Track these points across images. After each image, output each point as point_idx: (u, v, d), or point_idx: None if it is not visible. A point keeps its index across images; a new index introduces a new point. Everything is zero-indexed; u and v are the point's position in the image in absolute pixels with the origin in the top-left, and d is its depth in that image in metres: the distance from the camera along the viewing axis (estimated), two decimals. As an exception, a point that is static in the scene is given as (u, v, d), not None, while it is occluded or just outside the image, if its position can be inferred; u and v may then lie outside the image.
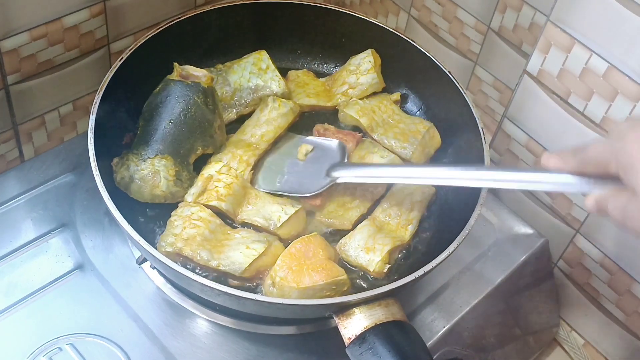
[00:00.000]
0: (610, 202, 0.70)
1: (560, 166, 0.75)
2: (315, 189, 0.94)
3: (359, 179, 0.94)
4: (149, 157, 0.90)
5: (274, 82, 1.04)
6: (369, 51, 1.07)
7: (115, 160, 0.91)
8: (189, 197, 0.91)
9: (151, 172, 0.89)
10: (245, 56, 1.06)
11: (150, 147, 0.90)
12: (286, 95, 1.04)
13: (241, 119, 1.02)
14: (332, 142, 0.99)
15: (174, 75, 0.95)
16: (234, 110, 1.03)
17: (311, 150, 0.98)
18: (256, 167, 0.97)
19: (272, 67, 1.04)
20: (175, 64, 0.95)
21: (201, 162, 0.95)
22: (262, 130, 0.99)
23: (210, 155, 0.96)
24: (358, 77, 1.06)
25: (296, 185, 0.95)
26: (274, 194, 0.94)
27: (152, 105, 0.93)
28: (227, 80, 1.04)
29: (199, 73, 0.96)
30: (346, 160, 0.97)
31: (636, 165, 0.66)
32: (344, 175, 0.94)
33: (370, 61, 1.06)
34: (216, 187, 0.91)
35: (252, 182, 0.96)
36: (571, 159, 0.74)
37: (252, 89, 1.04)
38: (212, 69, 1.04)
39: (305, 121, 1.05)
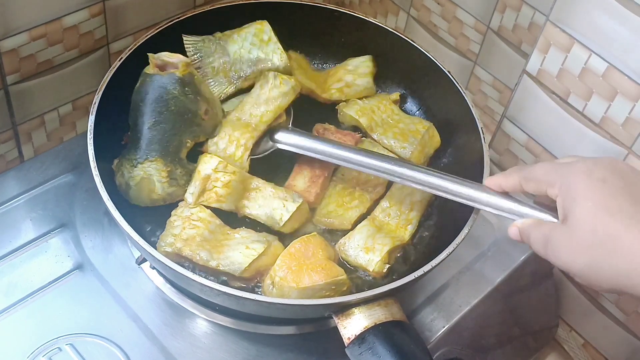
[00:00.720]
0: (533, 232, 0.73)
1: (500, 182, 0.79)
2: (256, 154, 0.93)
3: (300, 150, 0.93)
4: (139, 163, 0.88)
5: (275, 54, 0.98)
6: (368, 57, 1.07)
7: (115, 162, 0.91)
8: (189, 198, 0.90)
9: (143, 177, 0.88)
10: (245, 26, 1.01)
11: (139, 151, 0.88)
12: (288, 70, 0.99)
13: (239, 94, 0.99)
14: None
15: (150, 68, 0.90)
16: (233, 84, 0.98)
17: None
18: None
19: (274, 39, 0.99)
20: (149, 54, 0.91)
21: (197, 152, 0.93)
22: (261, 109, 0.95)
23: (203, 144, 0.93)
24: (355, 78, 1.06)
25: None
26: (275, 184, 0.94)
27: (134, 105, 0.90)
28: (226, 50, 0.99)
29: (174, 59, 0.91)
30: (290, 126, 0.96)
31: (577, 196, 0.68)
32: (286, 141, 0.93)
33: (368, 66, 1.07)
34: (214, 187, 0.90)
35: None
36: (515, 174, 0.78)
37: (252, 60, 0.99)
38: (210, 37, 1.00)
39: (305, 120, 1.05)
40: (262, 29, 1.00)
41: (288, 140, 0.94)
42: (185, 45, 0.98)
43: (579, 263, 0.67)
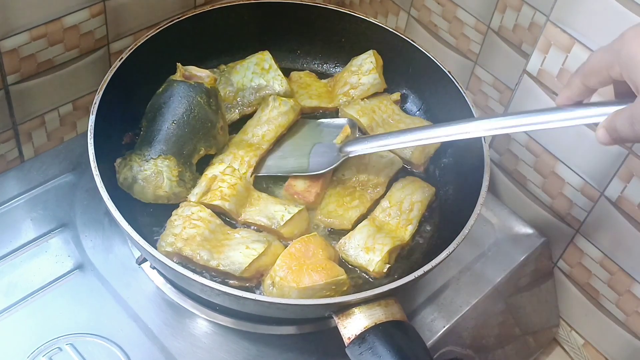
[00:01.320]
0: (617, 120, 0.70)
1: (567, 94, 0.76)
2: (328, 165, 0.95)
3: (370, 150, 0.94)
4: (152, 158, 0.90)
5: (276, 81, 1.04)
6: (370, 52, 1.07)
7: (118, 160, 0.92)
8: (192, 197, 0.91)
9: (154, 172, 0.89)
10: (248, 57, 1.06)
11: (154, 148, 0.90)
12: (288, 95, 1.04)
13: (244, 119, 1.02)
14: (343, 121, 1.01)
15: (177, 76, 0.95)
16: (237, 110, 1.03)
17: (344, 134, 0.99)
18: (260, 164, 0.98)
19: (275, 66, 1.04)
20: (179, 64, 0.96)
21: (203, 164, 0.95)
22: (263, 129, 0.99)
23: (212, 157, 0.96)
24: (360, 77, 1.06)
25: (305, 165, 0.96)
26: (275, 196, 0.94)
27: (155, 106, 0.94)
28: (230, 80, 1.04)
29: (202, 74, 0.96)
30: (357, 135, 0.99)
31: (637, 59, 0.65)
32: (357, 150, 0.94)
33: (372, 62, 1.06)
34: (220, 187, 0.91)
35: (262, 168, 0.97)
36: (575, 78, 0.75)
37: (254, 88, 1.04)
38: (215, 70, 1.05)
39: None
40: (263, 58, 1.05)
41: (358, 148, 0.95)
42: None
43: None
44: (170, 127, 0.92)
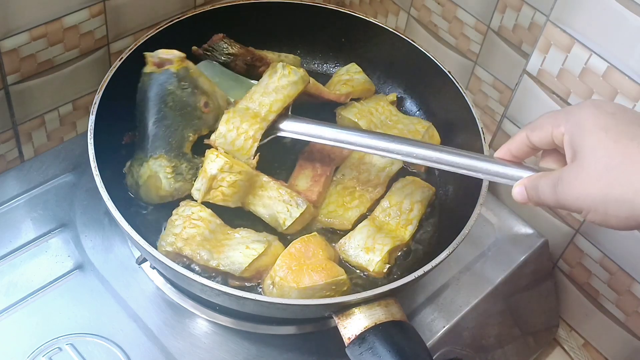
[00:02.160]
0: (540, 181, 0.70)
1: (508, 146, 0.76)
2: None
3: (300, 136, 0.93)
4: (145, 161, 0.89)
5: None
6: (351, 63, 1.08)
7: (127, 164, 0.92)
8: (195, 194, 0.89)
9: (150, 175, 0.89)
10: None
11: (144, 150, 0.90)
12: (297, 64, 1.01)
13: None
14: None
15: (147, 67, 0.91)
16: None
17: None
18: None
19: None
20: (145, 53, 0.92)
21: (204, 146, 0.92)
22: (271, 98, 0.93)
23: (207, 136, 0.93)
24: (352, 75, 1.06)
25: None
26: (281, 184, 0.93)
27: (137, 105, 0.92)
28: None
29: (169, 55, 0.91)
30: (289, 113, 0.95)
31: (586, 126, 0.65)
32: (287, 129, 0.93)
33: (356, 69, 1.07)
34: (220, 186, 0.90)
35: None
36: (521, 131, 0.74)
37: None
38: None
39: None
40: None
41: (291, 128, 0.93)
42: None
43: (592, 194, 0.63)
44: (152, 124, 0.90)
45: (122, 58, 0.94)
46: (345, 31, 1.09)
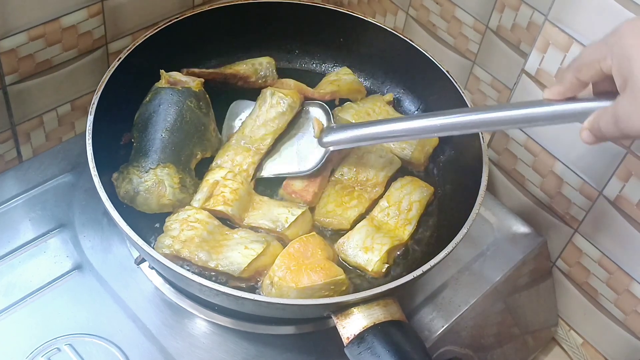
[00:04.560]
0: (601, 120, 0.70)
1: (558, 88, 0.75)
2: (314, 164, 0.94)
3: (352, 144, 0.94)
4: (150, 168, 0.89)
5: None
6: (343, 67, 1.09)
7: (115, 175, 0.91)
8: (195, 203, 0.90)
9: (155, 182, 0.88)
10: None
11: (150, 158, 0.90)
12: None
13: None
14: (315, 108, 1.00)
15: (161, 83, 0.94)
16: None
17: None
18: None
19: None
20: (162, 71, 0.95)
21: (202, 168, 0.95)
22: (261, 132, 0.97)
23: (210, 161, 0.96)
24: (340, 76, 1.07)
25: (295, 164, 0.96)
26: (276, 197, 0.94)
27: (144, 115, 0.93)
28: None
29: (186, 78, 0.96)
30: (333, 124, 0.97)
31: (632, 54, 0.65)
32: (336, 141, 0.93)
33: (347, 71, 1.08)
34: (222, 192, 0.90)
35: (258, 171, 0.96)
36: (567, 71, 0.74)
37: None
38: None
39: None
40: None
41: (338, 139, 0.94)
42: None
43: None
44: (164, 135, 0.91)
45: (120, 58, 0.94)
46: (343, 31, 1.09)
